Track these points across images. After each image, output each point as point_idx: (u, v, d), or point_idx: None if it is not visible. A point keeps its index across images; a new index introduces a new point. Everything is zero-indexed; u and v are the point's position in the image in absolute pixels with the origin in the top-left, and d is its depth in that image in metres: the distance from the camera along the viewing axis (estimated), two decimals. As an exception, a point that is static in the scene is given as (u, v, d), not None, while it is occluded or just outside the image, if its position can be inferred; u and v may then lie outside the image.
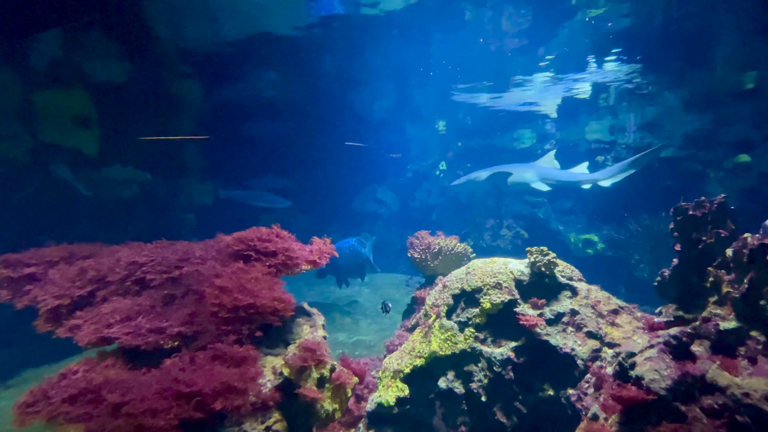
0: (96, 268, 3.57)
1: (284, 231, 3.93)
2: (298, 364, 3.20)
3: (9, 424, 2.60)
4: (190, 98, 10.31)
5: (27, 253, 3.88)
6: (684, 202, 3.42)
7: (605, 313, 4.21)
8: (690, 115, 11.65)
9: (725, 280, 3.00)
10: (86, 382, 2.72)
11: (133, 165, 8.99)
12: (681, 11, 7.65)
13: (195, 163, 11.22)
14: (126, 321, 3.11)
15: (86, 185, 8.36)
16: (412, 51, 9.42)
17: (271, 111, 12.19)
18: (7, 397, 5.58)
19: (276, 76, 10.48)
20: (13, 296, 3.63)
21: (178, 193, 10.74)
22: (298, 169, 14.28)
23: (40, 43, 7.13)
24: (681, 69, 10.03)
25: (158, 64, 8.83)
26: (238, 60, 9.28)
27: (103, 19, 7.08)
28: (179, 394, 2.57)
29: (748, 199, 10.07)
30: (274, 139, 13.47)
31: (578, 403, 3.62)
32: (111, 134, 8.63)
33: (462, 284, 4.58)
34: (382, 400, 4.27)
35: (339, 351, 6.81)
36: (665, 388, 2.73)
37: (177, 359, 2.91)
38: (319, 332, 3.71)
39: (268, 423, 2.87)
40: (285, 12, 7.44)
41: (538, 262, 4.36)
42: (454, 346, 4.28)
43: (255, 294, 3.19)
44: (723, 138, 10.97)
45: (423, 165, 16.09)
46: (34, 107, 7.70)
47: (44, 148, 7.80)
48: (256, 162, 13.48)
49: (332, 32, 8.26)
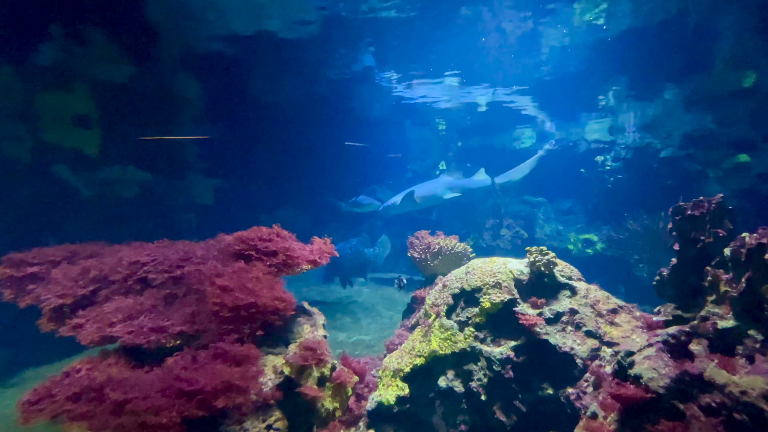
0: (98, 268, 3.60)
1: (285, 231, 3.95)
2: (299, 363, 3.22)
3: (12, 422, 2.62)
4: (191, 98, 10.33)
5: (30, 253, 3.90)
6: (683, 201, 3.44)
7: (604, 313, 4.23)
8: (689, 115, 11.68)
9: (723, 279, 3.02)
10: (89, 381, 2.74)
11: (134, 165, 9.01)
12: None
13: (196, 163, 11.23)
14: (128, 320, 3.14)
15: (87, 185, 8.38)
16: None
17: (271, 111, 12.20)
18: (9, 396, 5.59)
19: (276, 76, 10.50)
20: (16, 295, 3.65)
21: (179, 192, 10.75)
22: (297, 168, 14.29)
23: (43, 43, 7.14)
24: (680, 69, 10.07)
25: (159, 63, 8.85)
26: (239, 59, 9.31)
27: (104, 19, 7.11)
28: (181, 392, 2.59)
29: (747, 199, 10.09)
30: (274, 139, 13.48)
31: (577, 401, 3.64)
32: (112, 134, 8.65)
33: (462, 284, 4.60)
34: (383, 399, 4.29)
35: (339, 350, 6.82)
36: (663, 386, 2.75)
37: (179, 358, 2.93)
38: (319, 331, 3.74)
39: (269, 421, 2.89)
40: (285, 10, 7.43)
41: (538, 261, 4.38)
42: (454, 345, 4.30)
43: (256, 293, 3.21)
44: (722, 138, 11.00)
45: (423, 165, 16.12)
46: (36, 107, 7.72)
47: (45, 148, 7.82)
48: (255, 162, 13.49)
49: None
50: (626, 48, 9.10)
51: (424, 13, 7.69)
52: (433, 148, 16.50)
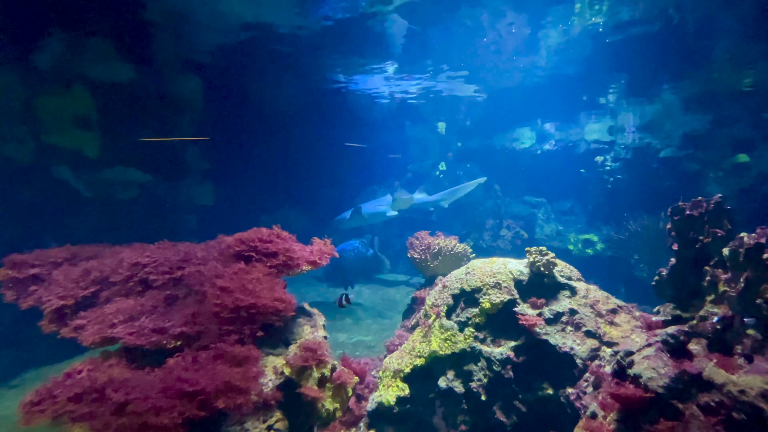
0: (99, 269, 3.61)
1: (285, 232, 3.96)
2: (299, 364, 3.23)
3: (14, 423, 2.63)
4: (192, 99, 10.34)
5: (31, 254, 3.91)
6: (682, 202, 3.45)
7: (604, 313, 4.24)
8: (689, 115, 11.69)
9: (722, 279, 3.03)
10: (91, 382, 2.75)
11: (135, 166, 9.03)
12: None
13: (196, 165, 11.25)
14: (129, 321, 3.15)
15: (88, 186, 8.40)
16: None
17: (271, 111, 12.22)
18: (10, 397, 5.61)
19: (275, 76, 10.52)
20: (17, 297, 3.66)
21: (180, 194, 10.77)
22: (298, 169, 14.31)
23: (43, 46, 7.17)
24: (680, 69, 10.09)
25: (160, 65, 8.87)
26: (238, 59, 9.32)
27: (104, 21, 7.12)
28: (182, 393, 2.60)
29: (746, 199, 10.10)
30: (274, 140, 13.50)
31: (577, 401, 3.65)
32: (112, 136, 8.67)
33: (462, 284, 4.61)
34: (383, 400, 4.30)
35: (340, 351, 6.84)
36: (663, 386, 2.76)
37: (180, 359, 2.94)
38: (319, 332, 3.74)
39: (269, 422, 2.90)
40: (286, 10, 7.42)
41: (537, 262, 4.39)
42: (453, 345, 4.31)
43: (256, 294, 3.22)
44: (722, 138, 11.01)
45: (423, 166, 16.12)
46: (37, 109, 7.74)
47: (46, 149, 7.84)
48: (256, 163, 13.51)
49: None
50: (626, 48, 9.11)
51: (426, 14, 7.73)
52: (433, 148, 16.52)
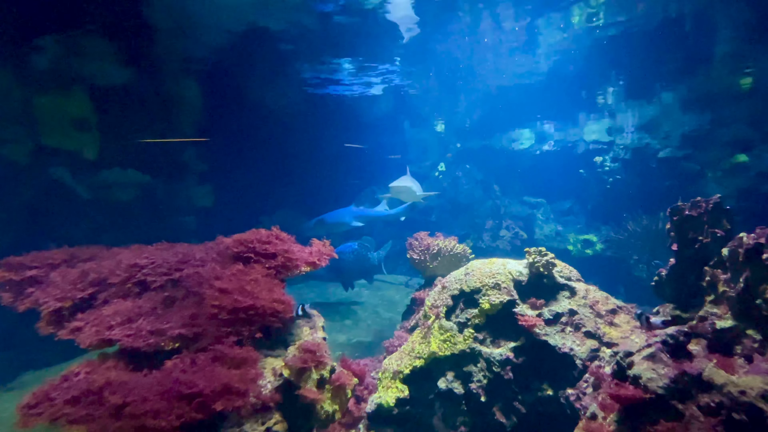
0: (97, 271, 3.59)
1: (284, 233, 3.95)
2: (298, 366, 3.21)
3: (11, 426, 2.62)
4: (190, 100, 10.34)
5: (29, 256, 3.90)
6: (681, 202, 3.45)
7: (603, 313, 4.23)
8: (688, 116, 11.70)
9: (721, 279, 3.03)
10: (88, 384, 2.74)
11: (133, 168, 9.02)
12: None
13: (195, 166, 11.24)
14: (127, 323, 3.13)
15: (86, 188, 8.39)
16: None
17: (270, 112, 12.20)
18: (7, 399, 5.58)
19: (273, 77, 10.50)
20: (15, 299, 3.65)
21: (178, 195, 10.76)
22: (297, 170, 14.28)
23: (42, 47, 7.15)
24: (678, 69, 10.10)
25: (158, 66, 8.85)
26: (236, 60, 9.31)
27: (102, 22, 7.11)
28: (180, 395, 2.58)
29: (746, 199, 10.10)
30: (273, 141, 13.48)
31: (577, 402, 3.64)
32: (111, 137, 8.66)
33: (461, 285, 4.60)
34: (382, 401, 4.29)
35: (339, 352, 6.82)
36: (662, 386, 2.75)
37: (178, 361, 2.92)
38: (318, 334, 3.73)
39: (268, 424, 2.89)
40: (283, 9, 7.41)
41: (537, 262, 4.39)
42: (453, 346, 4.30)
43: (255, 296, 3.21)
44: (721, 138, 11.01)
45: (422, 166, 16.12)
46: (35, 111, 7.72)
47: (44, 151, 7.83)
48: (255, 165, 13.48)
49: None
50: (625, 48, 9.13)
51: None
52: (432, 149, 16.53)
